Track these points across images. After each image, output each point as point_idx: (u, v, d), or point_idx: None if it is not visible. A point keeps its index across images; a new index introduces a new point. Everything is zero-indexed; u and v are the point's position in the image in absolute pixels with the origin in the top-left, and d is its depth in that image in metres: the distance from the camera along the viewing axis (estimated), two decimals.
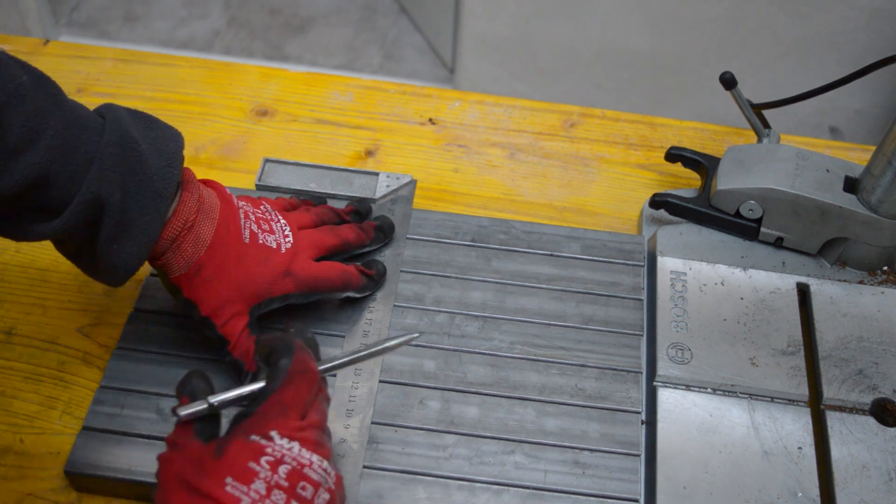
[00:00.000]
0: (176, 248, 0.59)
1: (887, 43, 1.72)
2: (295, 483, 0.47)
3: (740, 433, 0.63)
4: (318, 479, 0.48)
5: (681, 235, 0.74)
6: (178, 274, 0.60)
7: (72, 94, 0.88)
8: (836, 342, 0.68)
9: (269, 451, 0.47)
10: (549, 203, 0.81)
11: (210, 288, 0.60)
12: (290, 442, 0.48)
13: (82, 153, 0.54)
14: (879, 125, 1.86)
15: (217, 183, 0.64)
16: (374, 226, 0.71)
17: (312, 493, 0.47)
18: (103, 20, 2.26)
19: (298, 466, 0.47)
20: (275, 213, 0.65)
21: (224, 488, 0.45)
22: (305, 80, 0.91)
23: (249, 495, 0.45)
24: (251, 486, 0.46)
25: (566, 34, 1.82)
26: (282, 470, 0.46)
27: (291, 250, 0.63)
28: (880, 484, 0.61)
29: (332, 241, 0.67)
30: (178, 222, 0.58)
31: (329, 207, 0.72)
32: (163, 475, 0.47)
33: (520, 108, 0.89)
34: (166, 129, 0.59)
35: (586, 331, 0.69)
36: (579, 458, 0.62)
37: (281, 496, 0.46)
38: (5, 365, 0.68)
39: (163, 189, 0.56)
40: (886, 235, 0.70)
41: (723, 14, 1.73)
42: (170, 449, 0.48)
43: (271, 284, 0.62)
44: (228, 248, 0.60)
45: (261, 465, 0.46)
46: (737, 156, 0.75)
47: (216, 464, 0.46)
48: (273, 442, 0.47)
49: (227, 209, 0.62)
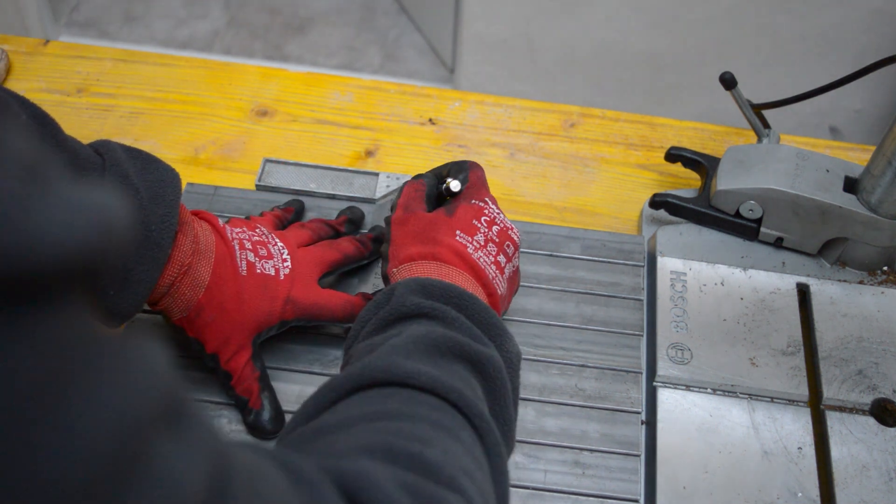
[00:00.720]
0: (174, 292, 0.58)
1: (887, 43, 1.72)
2: (503, 241, 0.59)
3: (740, 433, 0.63)
4: (517, 242, 0.60)
5: (681, 235, 0.74)
6: (178, 317, 0.60)
7: (72, 94, 0.88)
8: (836, 342, 0.68)
9: (486, 213, 0.59)
10: (549, 203, 0.81)
11: (213, 328, 0.60)
12: (498, 208, 0.60)
13: None
14: (879, 125, 1.86)
15: (209, 214, 0.63)
16: (372, 237, 0.70)
17: (513, 252, 0.60)
18: (103, 20, 2.26)
19: (505, 228, 0.60)
20: (271, 236, 0.65)
21: (455, 238, 0.57)
22: (305, 80, 0.91)
23: (472, 244, 0.57)
24: (474, 237, 0.57)
25: (566, 34, 1.82)
26: (494, 229, 0.59)
27: (290, 275, 0.63)
28: (880, 484, 0.61)
29: (333, 256, 0.67)
30: (175, 267, 0.58)
31: (323, 221, 0.71)
32: (397, 231, 0.59)
33: (520, 108, 0.89)
34: (164, 171, 0.58)
35: (586, 331, 0.69)
36: (579, 459, 0.62)
37: (493, 249, 0.58)
38: None
39: (161, 239, 0.56)
40: (886, 235, 0.70)
41: (723, 14, 1.73)
42: (403, 211, 0.59)
43: (270, 314, 0.62)
44: (227, 286, 0.60)
45: (480, 223, 0.58)
46: (737, 156, 0.75)
47: (449, 220, 0.58)
48: (488, 205, 0.60)
49: (222, 244, 0.61)
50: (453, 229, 0.57)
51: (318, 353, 0.67)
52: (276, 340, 0.66)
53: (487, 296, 0.57)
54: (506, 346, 0.51)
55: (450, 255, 0.56)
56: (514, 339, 0.52)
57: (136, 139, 0.84)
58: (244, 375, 0.62)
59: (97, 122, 0.86)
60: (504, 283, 0.58)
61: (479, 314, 0.51)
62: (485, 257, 0.57)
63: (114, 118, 0.86)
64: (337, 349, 0.67)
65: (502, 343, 0.51)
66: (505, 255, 0.59)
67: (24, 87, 0.88)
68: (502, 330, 0.52)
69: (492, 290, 0.57)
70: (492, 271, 0.57)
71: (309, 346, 0.67)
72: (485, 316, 0.51)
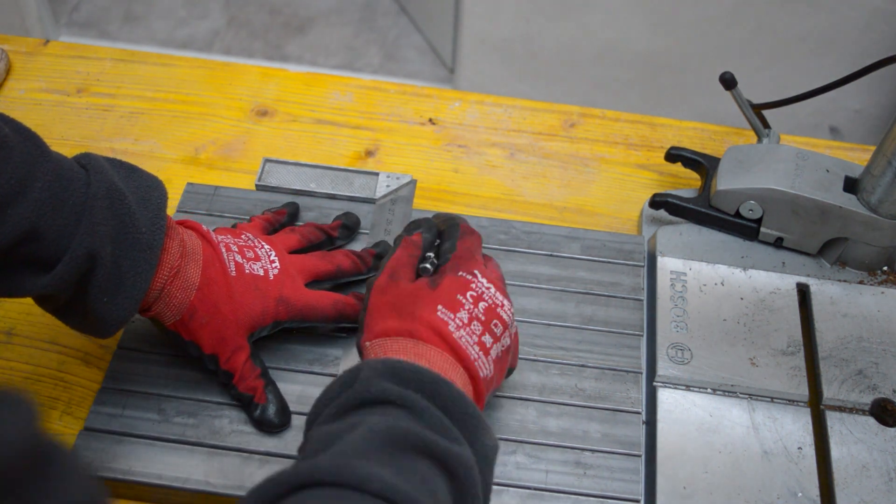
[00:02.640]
0: (166, 296, 0.58)
1: (887, 43, 1.72)
2: (490, 319, 0.54)
3: (740, 433, 0.63)
4: (507, 320, 0.55)
5: (681, 235, 0.74)
6: (172, 321, 0.59)
7: (72, 94, 0.88)
8: (836, 342, 0.68)
9: (473, 287, 0.55)
10: (549, 203, 0.81)
11: (208, 329, 0.60)
12: (488, 282, 0.55)
13: (70, 205, 0.52)
14: (879, 125, 1.86)
15: (193, 222, 0.62)
16: (374, 254, 0.70)
17: (501, 331, 0.55)
18: (103, 20, 2.26)
19: (493, 305, 0.55)
20: (257, 240, 0.64)
21: (435, 313, 0.53)
22: (305, 80, 0.91)
23: (455, 321, 0.53)
24: (457, 314, 0.53)
25: (566, 34, 1.82)
26: (481, 305, 0.54)
27: (280, 275, 0.63)
28: (880, 484, 0.61)
29: (325, 267, 0.66)
30: (165, 270, 0.57)
31: (315, 225, 0.70)
32: (375, 300, 0.55)
33: (520, 108, 0.89)
34: (147, 177, 0.58)
35: (586, 331, 0.69)
36: (581, 459, 0.62)
37: (478, 327, 0.53)
38: (5, 365, 0.68)
39: (151, 240, 0.55)
40: (886, 235, 0.70)
41: (723, 14, 1.73)
42: (387, 278, 0.56)
43: (264, 313, 0.61)
44: (218, 286, 0.60)
45: (466, 298, 0.54)
46: (737, 156, 0.75)
47: (431, 293, 0.54)
48: (476, 279, 0.55)
49: (209, 247, 0.61)
50: (435, 304, 0.53)
51: (318, 353, 0.67)
52: (275, 341, 0.66)
53: (470, 378, 0.53)
54: (481, 439, 0.48)
55: (428, 333, 0.52)
56: (492, 430, 0.49)
57: (136, 139, 0.84)
58: (245, 373, 0.62)
59: (97, 122, 0.86)
60: (489, 364, 0.54)
61: (453, 403, 0.48)
62: (467, 337, 0.53)
63: (114, 118, 0.86)
64: (337, 349, 0.67)
65: (476, 436, 0.48)
66: (492, 334, 0.54)
67: (24, 87, 0.88)
68: (478, 421, 0.48)
69: (474, 372, 0.53)
70: (475, 352, 0.53)
71: (310, 347, 0.67)
72: (460, 405, 0.48)
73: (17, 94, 0.88)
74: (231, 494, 0.60)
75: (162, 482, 0.60)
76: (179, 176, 0.81)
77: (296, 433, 0.63)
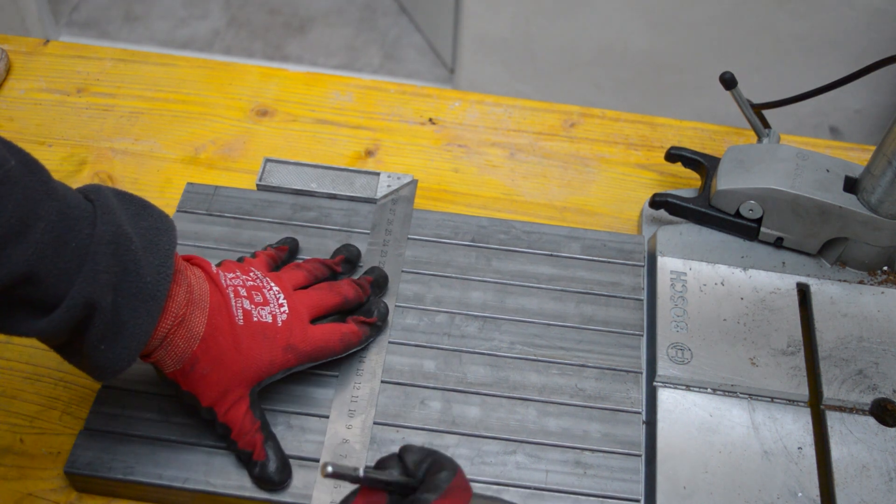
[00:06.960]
0: (167, 344, 0.55)
1: (887, 43, 1.72)
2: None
3: (740, 433, 0.63)
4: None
5: (681, 235, 0.74)
6: (171, 370, 0.57)
7: (72, 93, 0.88)
8: (836, 342, 0.68)
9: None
10: (549, 203, 0.81)
11: (209, 381, 0.57)
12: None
13: (73, 248, 0.50)
14: (879, 125, 1.86)
15: (200, 259, 0.60)
16: (371, 280, 0.68)
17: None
18: (103, 20, 2.26)
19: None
20: (266, 280, 0.62)
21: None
22: (305, 80, 0.91)
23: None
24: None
25: (566, 34, 1.82)
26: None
27: (288, 321, 0.60)
28: (880, 484, 0.61)
29: (332, 300, 0.65)
30: (169, 318, 0.55)
31: (320, 261, 0.68)
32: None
33: (520, 108, 0.89)
34: (158, 218, 0.56)
35: (586, 331, 0.69)
36: (581, 459, 0.62)
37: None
38: (5, 365, 0.68)
39: (155, 291, 0.53)
40: (886, 235, 0.70)
41: (723, 14, 1.73)
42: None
43: (272, 363, 0.59)
44: (223, 336, 0.57)
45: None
46: (737, 156, 0.75)
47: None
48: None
49: (217, 292, 0.58)
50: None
51: None
52: None
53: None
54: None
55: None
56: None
57: (136, 139, 0.84)
58: (245, 428, 0.59)
59: (97, 122, 0.86)
60: None
61: None
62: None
63: (114, 118, 0.86)
64: None
65: None
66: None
67: (24, 87, 0.88)
68: None
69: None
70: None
71: None
72: None
73: (18, 94, 0.88)
74: (231, 494, 0.60)
75: (162, 482, 0.60)
76: (179, 176, 0.81)
77: None
